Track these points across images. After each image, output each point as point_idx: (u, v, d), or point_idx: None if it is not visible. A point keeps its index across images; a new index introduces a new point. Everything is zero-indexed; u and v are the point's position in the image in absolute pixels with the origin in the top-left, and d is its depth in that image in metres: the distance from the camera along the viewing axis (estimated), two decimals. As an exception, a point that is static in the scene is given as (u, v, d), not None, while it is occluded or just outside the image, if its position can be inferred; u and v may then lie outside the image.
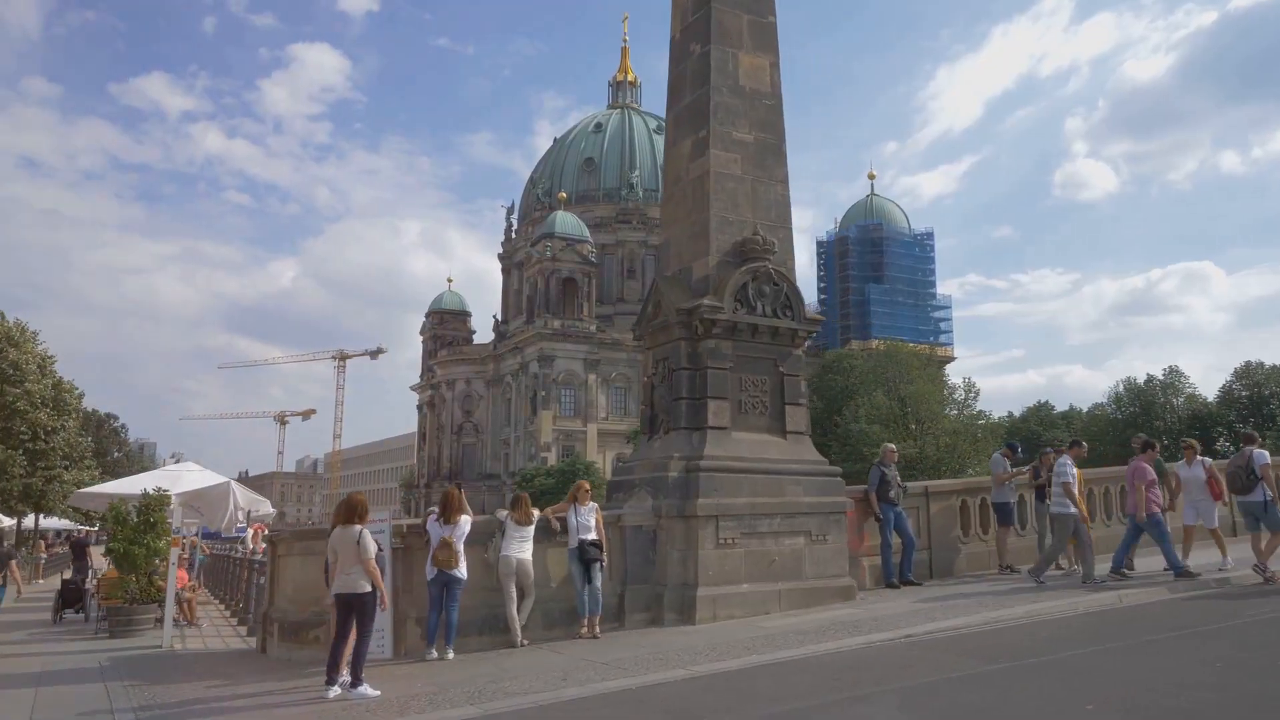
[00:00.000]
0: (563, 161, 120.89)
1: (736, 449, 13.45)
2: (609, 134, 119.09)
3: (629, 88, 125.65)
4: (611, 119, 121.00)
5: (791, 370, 14.26)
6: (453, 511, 11.54)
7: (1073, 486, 13.99)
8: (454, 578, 11.28)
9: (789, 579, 13.27)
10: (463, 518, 11.52)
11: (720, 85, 14.58)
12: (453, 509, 11.56)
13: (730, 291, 13.67)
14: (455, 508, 11.56)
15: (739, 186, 14.45)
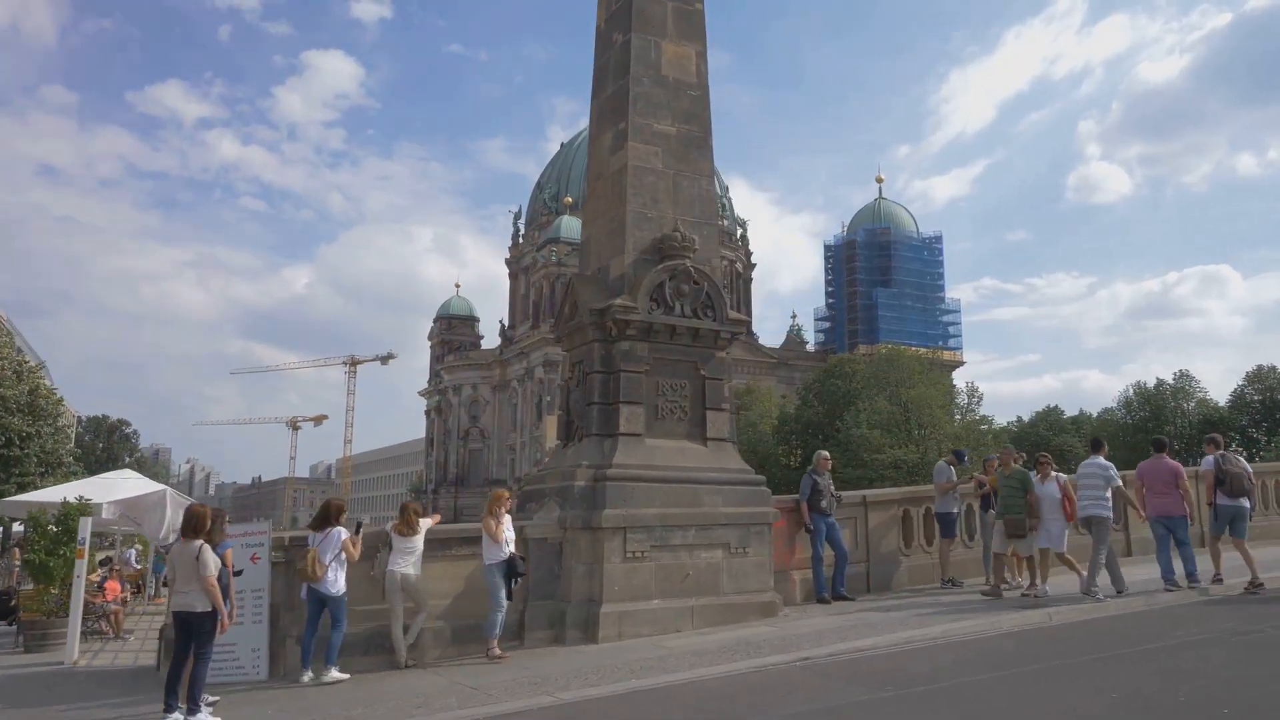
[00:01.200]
0: (570, 166, 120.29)
1: (650, 457, 12.75)
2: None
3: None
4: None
5: (714, 374, 13.55)
6: (326, 522, 10.91)
7: (1125, 489, 14.20)
8: (327, 594, 10.61)
9: (705, 594, 12.55)
10: (337, 529, 10.86)
11: (641, 75, 13.92)
12: (328, 519, 10.94)
13: (645, 291, 12.99)
14: (330, 518, 10.93)
15: (659, 181, 13.77)
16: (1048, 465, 13.49)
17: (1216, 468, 13.67)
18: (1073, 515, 13.09)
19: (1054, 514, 13.09)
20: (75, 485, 19.98)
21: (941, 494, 15.03)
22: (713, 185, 14.30)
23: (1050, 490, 13.23)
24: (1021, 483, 13.28)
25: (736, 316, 13.77)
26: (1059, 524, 13.11)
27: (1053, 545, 13.12)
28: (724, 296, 13.65)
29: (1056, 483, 13.25)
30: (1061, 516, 13.13)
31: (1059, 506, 13.11)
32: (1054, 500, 13.14)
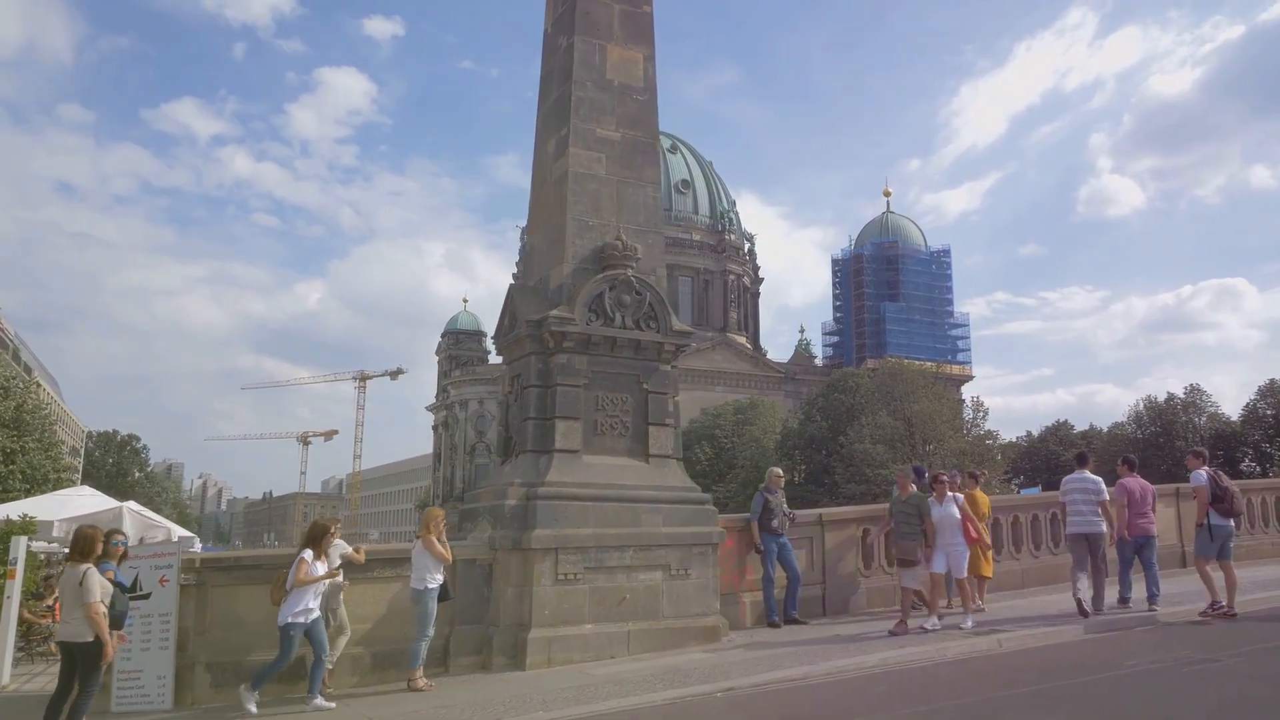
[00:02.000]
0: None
1: (587, 474, 12.24)
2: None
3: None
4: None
5: (657, 387, 13.03)
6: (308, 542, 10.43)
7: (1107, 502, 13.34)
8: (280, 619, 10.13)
9: (642, 618, 12.00)
10: (305, 550, 10.32)
11: (584, 79, 13.46)
12: (309, 539, 10.49)
13: (583, 301, 12.50)
14: (312, 538, 10.46)
15: (602, 188, 13.30)
16: (944, 486, 12.58)
17: (1213, 484, 12.68)
18: (976, 538, 12.27)
19: (955, 537, 12.29)
20: (26, 503, 19.58)
21: (899, 512, 14.43)
22: (658, 192, 13.80)
23: (949, 512, 12.41)
24: (918, 508, 12.50)
25: (681, 328, 13.24)
26: (960, 548, 12.30)
27: (954, 571, 12.38)
28: (668, 307, 13.14)
29: (955, 503, 12.46)
30: (962, 540, 12.31)
31: (959, 529, 12.31)
32: (954, 522, 12.34)
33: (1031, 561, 16.14)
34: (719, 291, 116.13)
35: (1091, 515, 13.22)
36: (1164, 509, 17.22)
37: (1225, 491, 12.65)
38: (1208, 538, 12.54)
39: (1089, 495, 13.27)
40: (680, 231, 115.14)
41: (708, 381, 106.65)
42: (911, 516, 12.41)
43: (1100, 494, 13.30)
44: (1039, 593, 15.25)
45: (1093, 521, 13.19)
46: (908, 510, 12.49)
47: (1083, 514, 13.27)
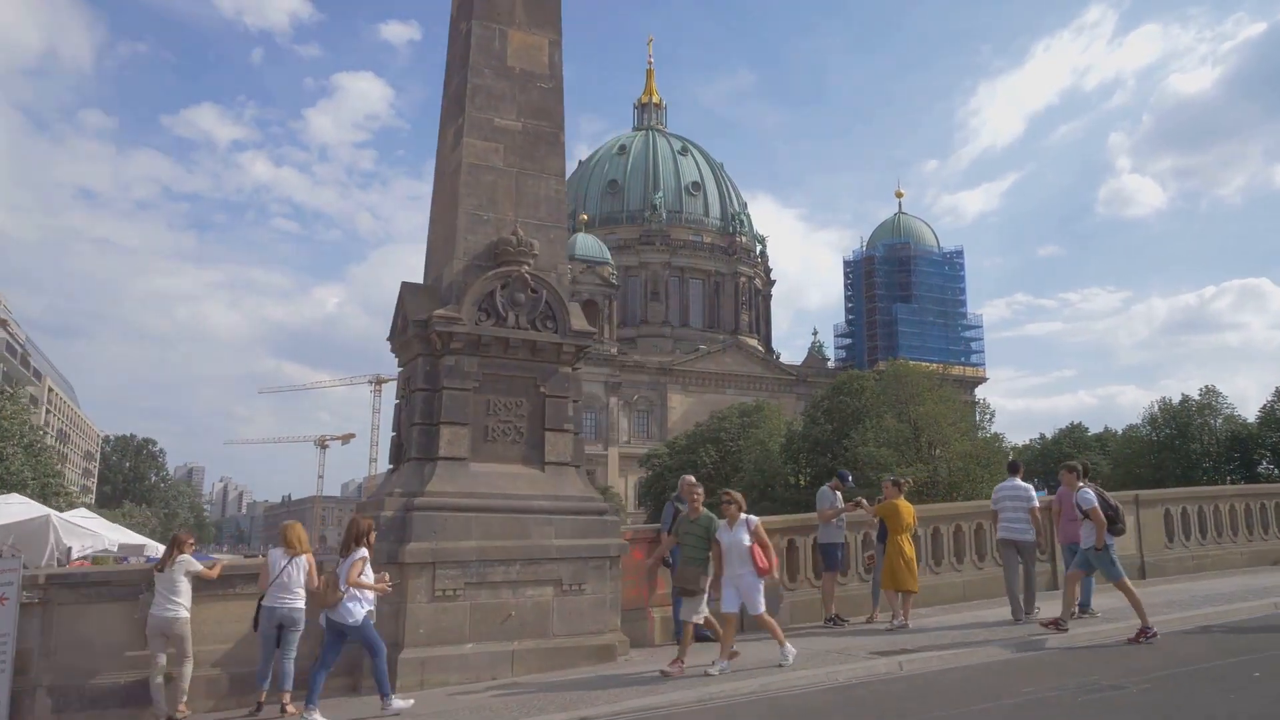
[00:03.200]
0: (586, 183, 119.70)
1: (474, 484, 11.53)
2: (633, 156, 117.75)
3: (654, 109, 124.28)
4: (635, 141, 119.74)
5: (556, 391, 12.30)
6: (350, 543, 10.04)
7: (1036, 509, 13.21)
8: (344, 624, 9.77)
9: (529, 637, 11.29)
10: (359, 551, 9.96)
11: (481, 66, 12.78)
12: (352, 540, 10.08)
13: (472, 300, 11.81)
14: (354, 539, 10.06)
15: (499, 180, 12.60)
16: (733, 506, 10.79)
17: (1104, 502, 11.89)
18: (767, 568, 10.55)
19: (743, 567, 10.51)
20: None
21: (824, 522, 13.62)
22: (562, 185, 13.08)
23: (737, 538, 10.61)
24: (706, 530, 10.84)
25: (582, 328, 12.49)
26: (750, 579, 10.51)
27: (748, 606, 10.65)
28: (567, 305, 12.40)
29: (746, 527, 10.68)
30: (752, 569, 10.48)
31: (749, 557, 10.50)
32: (742, 550, 10.53)
33: (974, 573, 15.29)
34: (730, 294, 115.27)
35: (1019, 523, 13.10)
36: (1123, 517, 16.32)
37: (1116, 511, 12.04)
38: (1110, 559, 11.79)
39: (1018, 503, 13.18)
40: (691, 234, 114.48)
41: (718, 384, 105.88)
42: (698, 539, 10.90)
43: (1029, 501, 13.18)
44: (979, 606, 14.40)
45: (1020, 529, 13.05)
46: (694, 532, 10.98)
47: (1011, 521, 13.12)
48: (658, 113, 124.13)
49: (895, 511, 12.90)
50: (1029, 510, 13.10)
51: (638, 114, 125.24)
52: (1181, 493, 19.07)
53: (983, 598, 15.06)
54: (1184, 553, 17.40)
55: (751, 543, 10.54)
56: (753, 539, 10.57)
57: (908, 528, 12.93)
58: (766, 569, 10.53)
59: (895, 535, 12.83)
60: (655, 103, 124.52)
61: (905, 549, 12.75)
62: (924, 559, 14.95)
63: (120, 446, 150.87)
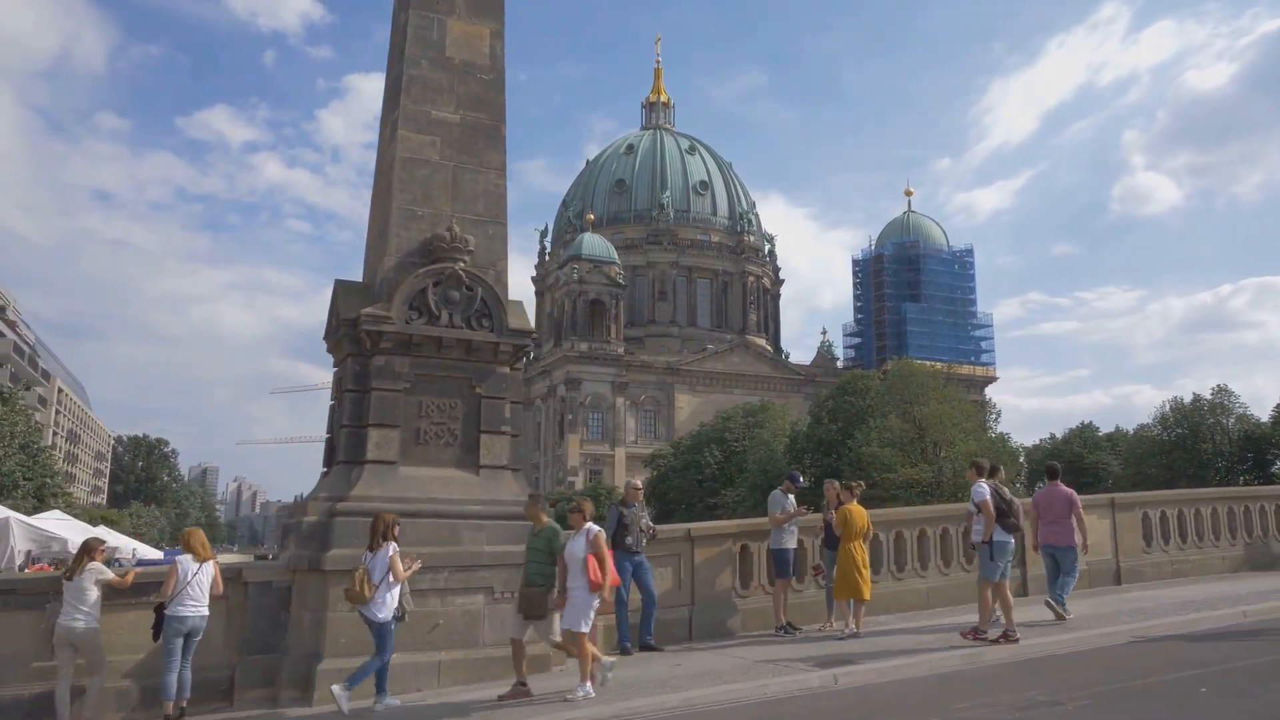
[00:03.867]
0: (594, 182, 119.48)
1: (403, 488, 11.14)
2: (640, 155, 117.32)
3: (662, 108, 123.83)
4: (643, 140, 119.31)
5: (492, 392, 11.90)
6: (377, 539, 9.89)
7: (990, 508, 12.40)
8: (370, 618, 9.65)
9: (458, 647, 10.90)
10: (388, 545, 9.80)
11: (418, 56, 12.40)
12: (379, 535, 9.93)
13: (403, 297, 11.42)
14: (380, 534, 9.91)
15: (435, 174, 12.21)
16: (580, 516, 10.00)
17: (998, 497, 11.81)
18: (599, 582, 9.61)
19: (577, 579, 9.69)
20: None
21: (775, 527, 13.18)
22: (502, 179, 12.68)
23: (574, 549, 9.80)
24: (548, 543, 10.12)
25: (520, 327, 12.07)
26: (581, 592, 9.63)
27: (568, 622, 9.67)
28: (504, 304, 11.99)
29: (586, 536, 9.84)
30: (585, 583, 9.60)
31: (583, 569, 9.65)
32: (578, 561, 9.69)
33: (940, 579, 14.80)
34: (738, 293, 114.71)
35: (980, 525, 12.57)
36: (1097, 521, 15.90)
37: (1010, 505, 11.83)
38: (988, 555, 11.71)
39: None
40: (698, 233, 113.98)
41: (726, 384, 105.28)
42: (540, 554, 10.19)
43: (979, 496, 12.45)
44: (943, 614, 13.92)
45: (979, 531, 12.50)
46: (537, 546, 10.27)
47: (975, 524, 12.62)
48: (666, 112, 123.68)
49: (847, 517, 12.45)
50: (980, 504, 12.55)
51: (646, 113, 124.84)
52: (1161, 495, 18.50)
53: (948, 604, 14.58)
54: (1163, 558, 16.85)
55: (587, 553, 9.69)
56: (589, 549, 9.71)
57: (860, 534, 12.47)
58: (598, 583, 9.58)
59: (847, 542, 12.39)
60: (663, 102, 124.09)
61: (858, 555, 12.30)
62: (886, 564, 14.50)
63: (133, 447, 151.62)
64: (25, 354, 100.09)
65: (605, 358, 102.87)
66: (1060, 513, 13.08)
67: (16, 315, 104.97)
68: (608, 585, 9.78)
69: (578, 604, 9.63)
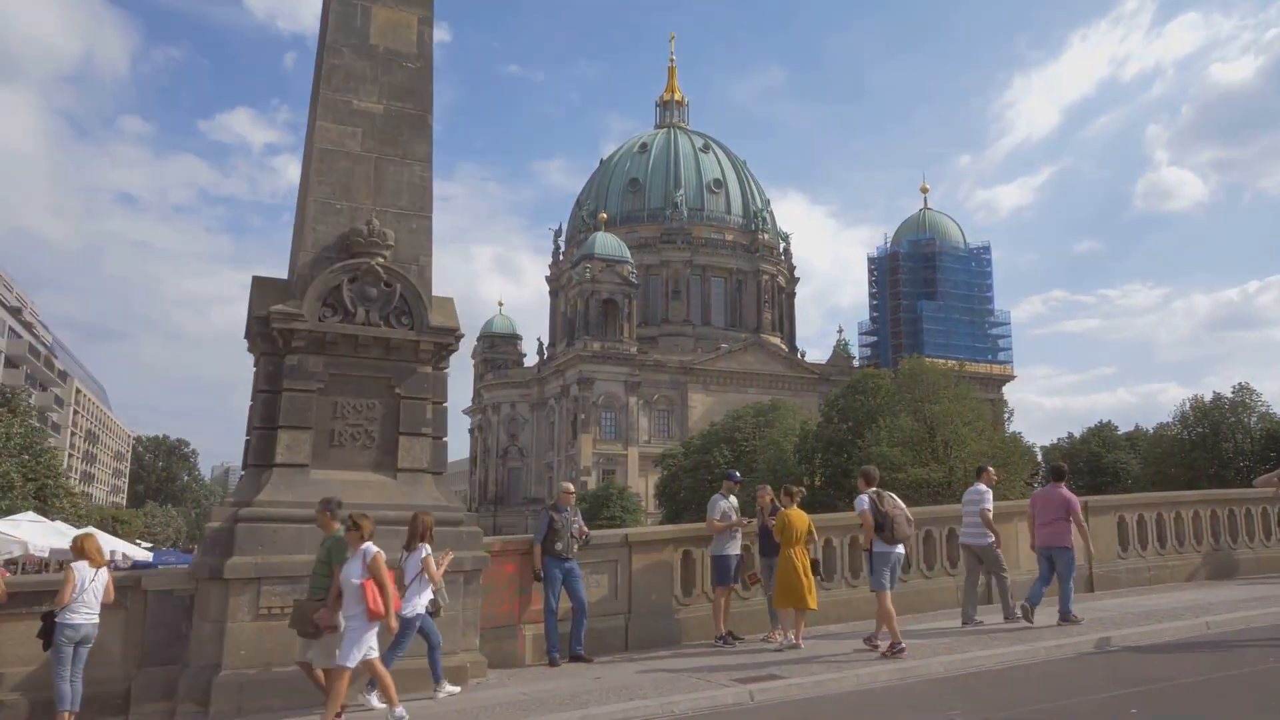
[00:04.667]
0: (608, 181, 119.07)
1: (313, 492, 10.63)
2: (654, 154, 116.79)
3: (676, 107, 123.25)
4: (657, 139, 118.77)
5: (413, 392, 11.44)
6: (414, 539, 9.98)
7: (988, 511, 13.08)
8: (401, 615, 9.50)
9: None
10: (422, 546, 9.93)
11: (340, 44, 11.96)
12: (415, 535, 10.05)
13: (316, 294, 10.98)
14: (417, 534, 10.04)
15: (356, 167, 11.76)
16: (358, 534, 8.84)
17: (874, 508, 11.68)
18: (379, 611, 8.57)
19: (354, 608, 8.58)
20: None
21: (715, 533, 12.65)
22: (428, 172, 12.21)
23: (351, 574, 8.66)
24: (329, 553, 9.16)
25: (442, 324, 11.59)
26: (356, 621, 8.56)
27: (341, 659, 8.59)
28: (425, 300, 11.52)
29: (362, 560, 8.71)
30: (363, 611, 8.53)
31: (361, 596, 8.53)
32: (353, 586, 8.58)
33: (899, 586, 14.15)
34: (752, 292, 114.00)
35: (971, 527, 13.20)
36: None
37: (886, 517, 11.61)
38: (870, 566, 11.74)
39: (973, 506, 13.19)
40: (712, 231, 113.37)
41: (740, 383, 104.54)
42: (322, 566, 9.38)
43: (979, 504, 13.10)
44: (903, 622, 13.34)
45: (971, 533, 13.16)
46: (320, 556, 9.46)
47: (970, 525, 13.23)
48: (680, 110, 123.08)
49: (787, 523, 11.91)
50: (979, 513, 13.02)
51: (660, 112, 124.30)
52: (1139, 498, 17.80)
53: (908, 611, 13.98)
54: (1140, 563, 16.18)
55: (364, 578, 8.61)
56: (366, 573, 8.64)
57: (801, 539, 11.92)
58: (378, 613, 8.55)
59: (787, 548, 11.85)
60: (677, 100, 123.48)
61: (798, 562, 11.76)
62: (841, 571, 13.96)
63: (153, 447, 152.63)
64: (41, 355, 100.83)
65: (618, 357, 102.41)
66: (1055, 514, 12.86)
67: (34, 317, 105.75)
68: (391, 614, 8.79)
69: (351, 635, 8.58)
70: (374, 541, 8.97)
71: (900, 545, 11.79)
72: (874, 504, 11.72)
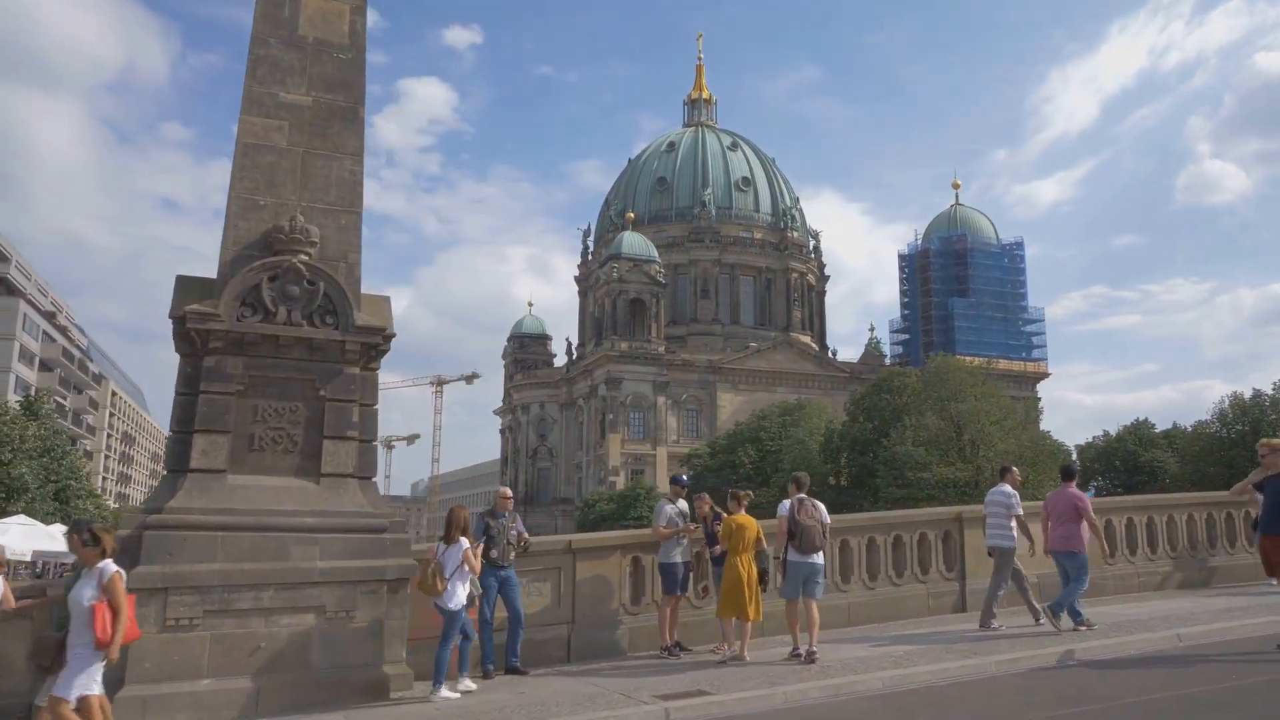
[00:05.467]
0: (636, 182, 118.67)
1: (229, 499, 10.31)
2: (682, 152, 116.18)
3: (704, 105, 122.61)
4: (685, 137, 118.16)
5: (339, 394, 11.02)
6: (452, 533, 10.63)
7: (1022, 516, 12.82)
8: (442, 608, 10.29)
9: (284, 670, 10.03)
10: (462, 540, 10.57)
11: (267, 35, 11.59)
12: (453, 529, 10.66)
13: (234, 293, 10.61)
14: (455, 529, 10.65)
15: (282, 161, 11.37)
16: (97, 550, 7.88)
17: (791, 517, 11.40)
18: (105, 640, 7.48)
19: (80, 634, 7.57)
20: None
21: (661, 540, 12.12)
22: (359, 166, 11.81)
23: (81, 595, 7.66)
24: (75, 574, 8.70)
25: (368, 324, 11.16)
26: (85, 652, 7.53)
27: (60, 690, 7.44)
28: (351, 298, 11.10)
29: (97, 580, 7.70)
30: (90, 639, 7.50)
31: (89, 621, 7.50)
32: (82, 610, 7.58)
33: (863, 594, 13.64)
34: (781, 290, 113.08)
35: (997, 529, 12.83)
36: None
37: (800, 526, 11.36)
38: (786, 574, 11.48)
39: (1000, 508, 12.90)
40: (741, 230, 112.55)
41: (769, 382, 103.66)
42: None
43: (1011, 507, 12.83)
44: (865, 631, 12.81)
45: (997, 535, 12.79)
46: (68, 584, 8.66)
47: (992, 527, 12.93)
48: (708, 109, 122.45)
49: (732, 529, 11.37)
50: (1011, 517, 12.77)
51: (688, 110, 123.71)
52: (1128, 501, 17.03)
53: (873, 621, 13.46)
54: (1128, 569, 15.38)
55: (96, 600, 7.57)
56: (100, 595, 7.62)
57: (750, 546, 11.37)
58: (105, 641, 7.47)
59: (733, 555, 11.32)
60: (705, 99, 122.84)
61: (742, 570, 11.21)
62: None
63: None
64: (75, 359, 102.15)
65: (646, 356, 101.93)
66: (1065, 516, 12.50)
67: (69, 320, 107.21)
68: (116, 646, 7.59)
69: (75, 664, 7.50)
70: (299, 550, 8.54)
71: (815, 555, 11.44)
72: (791, 512, 11.44)
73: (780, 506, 11.78)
